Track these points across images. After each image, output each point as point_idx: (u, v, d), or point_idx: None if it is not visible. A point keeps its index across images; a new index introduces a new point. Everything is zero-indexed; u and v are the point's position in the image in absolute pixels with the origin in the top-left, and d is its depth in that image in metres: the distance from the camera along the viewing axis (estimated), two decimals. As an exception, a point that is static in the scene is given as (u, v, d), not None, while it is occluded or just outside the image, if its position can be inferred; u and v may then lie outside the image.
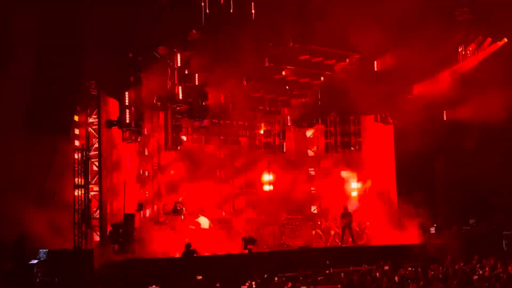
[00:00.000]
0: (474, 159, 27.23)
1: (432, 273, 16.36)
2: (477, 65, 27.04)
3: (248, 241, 22.69)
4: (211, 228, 23.69)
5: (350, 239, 25.70)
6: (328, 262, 19.69)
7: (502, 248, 25.73)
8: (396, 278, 14.38)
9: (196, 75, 21.75)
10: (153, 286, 12.65)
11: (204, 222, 23.45)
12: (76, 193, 20.27)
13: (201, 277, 16.48)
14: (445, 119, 28.21)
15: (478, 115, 25.73)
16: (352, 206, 27.53)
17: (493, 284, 12.92)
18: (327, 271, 18.04)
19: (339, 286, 12.99)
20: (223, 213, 26.44)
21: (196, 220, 23.47)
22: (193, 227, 23.17)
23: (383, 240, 25.90)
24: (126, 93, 20.39)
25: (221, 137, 27.35)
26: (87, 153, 20.78)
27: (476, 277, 14.29)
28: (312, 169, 30.42)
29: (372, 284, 13.46)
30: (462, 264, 18.71)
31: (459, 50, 27.13)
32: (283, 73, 24.99)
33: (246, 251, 22.05)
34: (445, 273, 16.22)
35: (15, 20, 18.44)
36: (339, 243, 25.99)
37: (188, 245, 20.35)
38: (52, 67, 18.78)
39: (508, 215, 26.67)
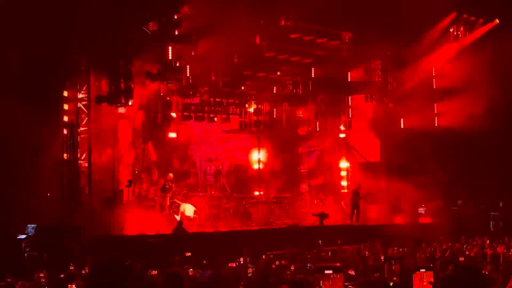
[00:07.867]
0: (462, 140, 27.24)
1: (419, 253, 16.43)
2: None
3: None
4: (195, 218, 23.47)
5: (354, 218, 25.73)
6: (320, 242, 19.73)
7: (490, 228, 25.92)
8: (382, 257, 14.40)
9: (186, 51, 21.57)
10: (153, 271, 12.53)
11: (188, 209, 23.19)
12: (64, 169, 20.19)
13: (190, 254, 16.49)
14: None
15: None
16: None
17: (479, 265, 12.98)
18: (315, 250, 18.07)
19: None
20: (212, 192, 26.40)
21: (181, 206, 23.18)
22: (184, 210, 23.00)
23: (371, 220, 26.00)
24: (116, 68, 20.21)
25: (211, 115, 27.26)
26: (76, 128, 20.66)
27: (463, 258, 14.34)
28: (303, 148, 30.45)
29: (359, 263, 13.50)
30: (449, 244, 18.83)
31: (451, 30, 27.08)
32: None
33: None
34: (433, 253, 16.31)
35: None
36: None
37: (180, 223, 20.40)
38: (42, 43, 18.55)
39: (495, 196, 26.81)
